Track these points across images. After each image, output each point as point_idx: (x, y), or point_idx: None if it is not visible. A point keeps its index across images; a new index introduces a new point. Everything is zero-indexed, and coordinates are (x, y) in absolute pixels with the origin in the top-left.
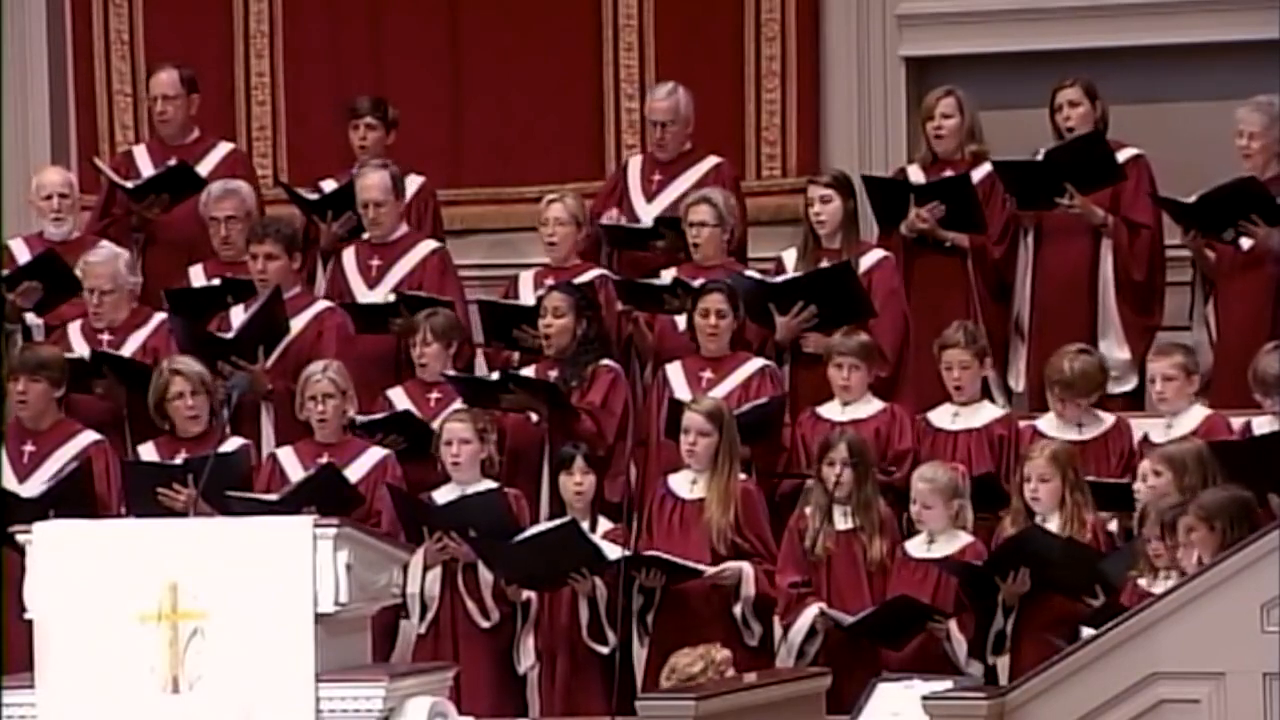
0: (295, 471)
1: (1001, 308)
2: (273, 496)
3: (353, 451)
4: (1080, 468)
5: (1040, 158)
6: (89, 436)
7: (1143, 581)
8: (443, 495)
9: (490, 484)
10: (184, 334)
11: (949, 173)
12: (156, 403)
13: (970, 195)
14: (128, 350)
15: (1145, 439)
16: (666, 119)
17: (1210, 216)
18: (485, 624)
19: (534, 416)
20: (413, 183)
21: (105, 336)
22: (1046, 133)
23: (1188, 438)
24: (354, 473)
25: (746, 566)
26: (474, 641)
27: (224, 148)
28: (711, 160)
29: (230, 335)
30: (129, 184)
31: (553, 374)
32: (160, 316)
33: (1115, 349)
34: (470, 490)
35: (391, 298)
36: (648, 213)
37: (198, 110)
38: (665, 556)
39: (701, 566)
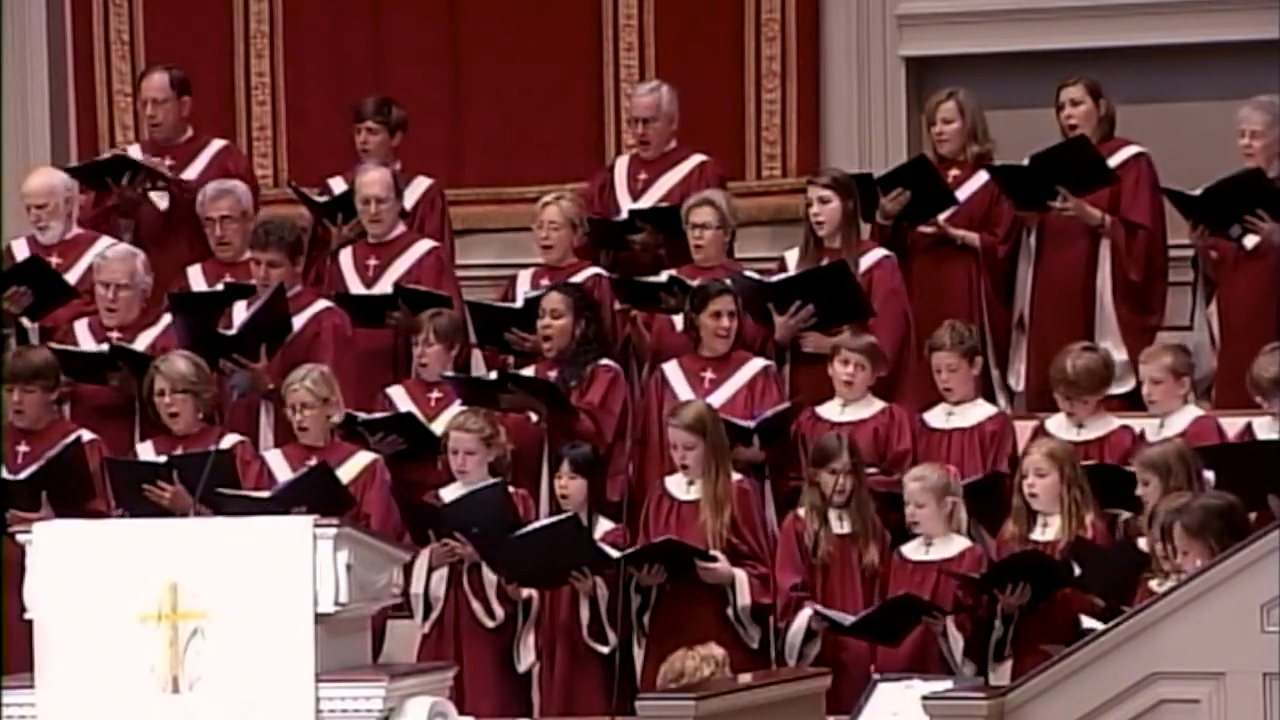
0: (283, 474)
1: (1008, 307)
2: (264, 494)
3: (341, 455)
4: (1079, 466)
5: (1025, 162)
6: (84, 436)
7: (1154, 583)
8: (450, 493)
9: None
10: (187, 332)
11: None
12: (147, 397)
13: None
14: (137, 349)
15: (1141, 436)
16: (648, 115)
17: (1216, 210)
18: (490, 624)
19: (533, 416)
20: (420, 184)
21: (115, 334)
22: (1048, 133)
23: (1172, 439)
24: (342, 476)
25: (740, 575)
26: (477, 641)
27: (216, 145)
28: (697, 158)
29: (233, 332)
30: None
31: (552, 374)
32: (169, 318)
33: (1113, 350)
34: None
35: (390, 292)
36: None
37: (195, 109)
38: (675, 539)
39: (712, 553)
